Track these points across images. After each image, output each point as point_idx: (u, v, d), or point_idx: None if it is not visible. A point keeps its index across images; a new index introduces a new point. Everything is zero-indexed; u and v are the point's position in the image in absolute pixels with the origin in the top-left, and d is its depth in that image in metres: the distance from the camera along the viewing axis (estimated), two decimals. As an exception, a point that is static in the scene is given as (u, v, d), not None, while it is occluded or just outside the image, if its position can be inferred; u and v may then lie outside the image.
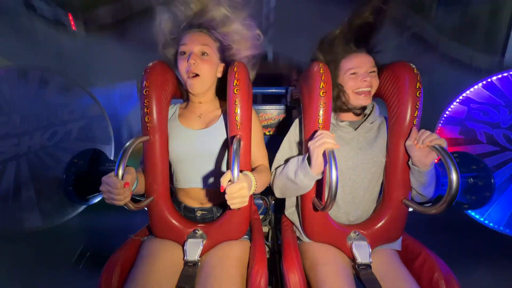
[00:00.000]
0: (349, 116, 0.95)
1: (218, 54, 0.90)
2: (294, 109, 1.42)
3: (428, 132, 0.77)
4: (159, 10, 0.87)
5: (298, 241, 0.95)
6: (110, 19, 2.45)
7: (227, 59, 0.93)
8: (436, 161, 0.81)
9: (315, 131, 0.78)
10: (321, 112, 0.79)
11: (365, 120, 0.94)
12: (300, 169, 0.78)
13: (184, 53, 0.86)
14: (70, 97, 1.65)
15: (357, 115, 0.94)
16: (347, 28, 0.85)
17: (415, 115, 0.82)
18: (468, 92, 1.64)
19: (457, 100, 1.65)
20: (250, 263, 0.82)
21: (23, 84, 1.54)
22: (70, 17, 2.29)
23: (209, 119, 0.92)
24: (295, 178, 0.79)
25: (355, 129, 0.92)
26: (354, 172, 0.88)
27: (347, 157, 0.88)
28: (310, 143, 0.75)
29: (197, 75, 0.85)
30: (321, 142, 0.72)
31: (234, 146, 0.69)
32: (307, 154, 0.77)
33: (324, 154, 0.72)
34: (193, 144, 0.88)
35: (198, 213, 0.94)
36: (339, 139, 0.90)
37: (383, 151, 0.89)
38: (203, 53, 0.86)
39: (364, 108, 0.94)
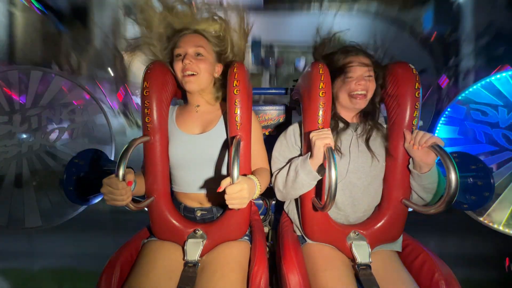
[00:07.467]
0: (348, 117, 0.93)
1: (214, 54, 0.90)
2: (294, 110, 1.42)
3: (422, 133, 0.77)
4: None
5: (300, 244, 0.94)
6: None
7: (223, 60, 0.93)
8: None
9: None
10: (320, 113, 0.79)
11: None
12: (302, 168, 0.78)
13: (180, 55, 0.86)
14: (71, 97, 1.66)
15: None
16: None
17: (415, 115, 0.82)
18: (467, 92, 1.64)
19: (456, 101, 1.66)
20: (250, 264, 0.82)
21: (24, 84, 1.55)
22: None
23: (207, 122, 0.91)
24: (296, 177, 0.79)
25: (355, 130, 0.91)
26: (355, 175, 0.87)
27: (348, 159, 0.87)
28: (312, 134, 0.74)
29: (193, 74, 0.84)
30: (325, 136, 0.73)
31: (234, 147, 0.69)
32: (309, 153, 0.77)
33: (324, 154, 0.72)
34: (192, 150, 0.87)
35: (198, 213, 0.94)
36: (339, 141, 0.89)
37: (384, 154, 0.89)
38: (197, 54, 0.86)
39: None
